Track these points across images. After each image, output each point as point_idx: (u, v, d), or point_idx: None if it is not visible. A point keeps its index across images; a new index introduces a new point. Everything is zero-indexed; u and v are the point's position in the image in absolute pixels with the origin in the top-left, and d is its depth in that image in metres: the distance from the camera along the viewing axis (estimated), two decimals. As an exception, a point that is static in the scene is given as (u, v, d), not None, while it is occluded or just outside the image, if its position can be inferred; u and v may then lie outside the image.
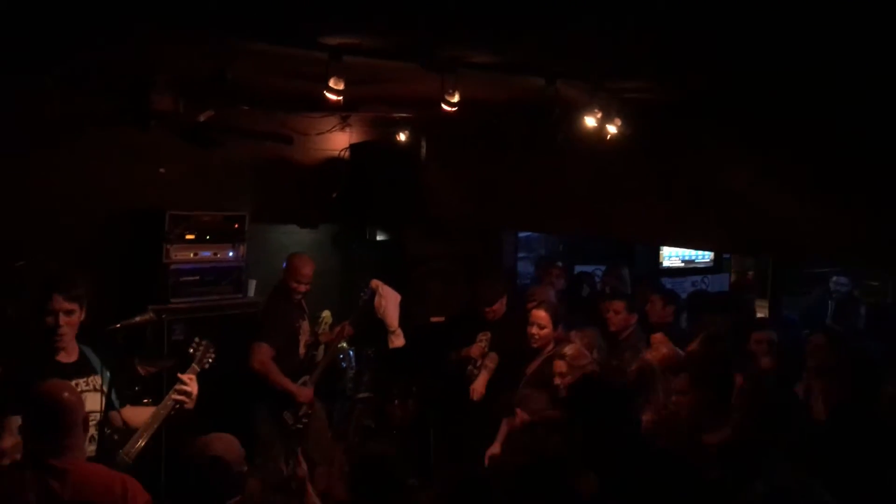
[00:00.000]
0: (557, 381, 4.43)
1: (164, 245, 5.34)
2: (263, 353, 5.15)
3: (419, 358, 6.07)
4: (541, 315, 4.92)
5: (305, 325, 5.48)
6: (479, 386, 5.27)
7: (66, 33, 3.48)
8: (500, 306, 5.63)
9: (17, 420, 3.18)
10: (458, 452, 5.54)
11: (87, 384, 3.66)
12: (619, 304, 5.42)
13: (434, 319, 6.24)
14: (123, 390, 4.22)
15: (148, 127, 4.66)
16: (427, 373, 6.18)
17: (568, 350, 4.49)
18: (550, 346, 4.86)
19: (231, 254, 5.69)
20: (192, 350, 4.00)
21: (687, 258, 8.77)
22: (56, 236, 5.17)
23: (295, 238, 6.60)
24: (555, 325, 4.91)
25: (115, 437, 3.68)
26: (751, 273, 9.05)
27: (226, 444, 3.25)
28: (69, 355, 3.68)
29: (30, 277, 4.60)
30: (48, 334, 3.56)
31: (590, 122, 4.38)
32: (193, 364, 3.92)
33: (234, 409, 5.15)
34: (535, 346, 4.90)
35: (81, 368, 3.69)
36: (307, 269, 5.41)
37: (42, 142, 5.00)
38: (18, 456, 3.04)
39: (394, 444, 6.21)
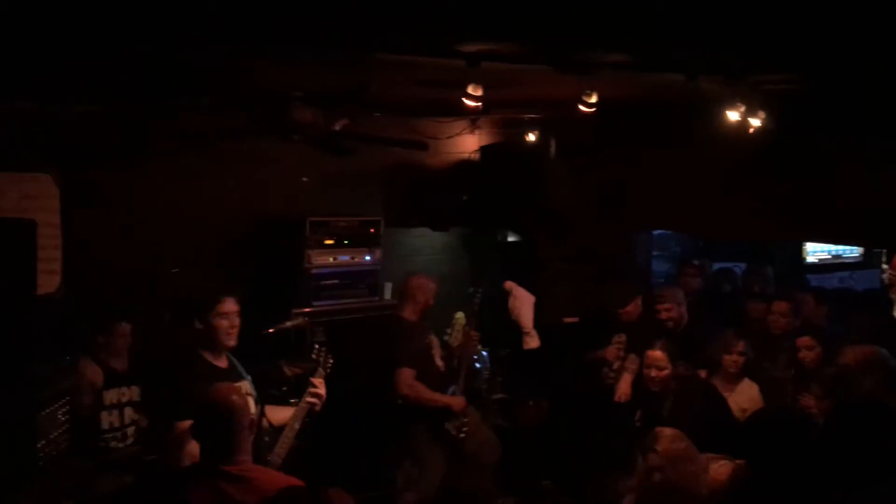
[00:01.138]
0: (656, 476, 3.28)
1: (306, 250, 5.53)
2: (407, 377, 5.18)
3: (553, 359, 6.03)
4: (657, 356, 4.64)
5: (433, 339, 5.53)
6: (623, 387, 5.17)
7: (217, 58, 3.67)
8: (634, 308, 5.52)
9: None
10: (592, 457, 5.46)
11: (241, 389, 3.75)
12: (783, 306, 5.14)
13: (568, 320, 6.18)
14: (270, 392, 4.44)
15: (289, 138, 4.84)
16: (561, 374, 6.14)
17: (663, 445, 3.33)
18: (673, 386, 4.62)
19: (367, 258, 5.83)
20: (314, 356, 4.19)
21: (834, 252, 8.29)
22: (205, 244, 5.46)
23: (427, 241, 6.70)
24: (674, 362, 4.65)
25: (266, 438, 3.85)
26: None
27: None
28: (222, 361, 3.86)
29: (184, 285, 4.90)
30: (214, 339, 3.76)
31: (733, 116, 4.22)
32: (319, 369, 4.12)
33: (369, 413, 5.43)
34: (654, 389, 4.65)
35: (232, 373, 3.87)
36: (434, 285, 5.47)
37: (192, 155, 5.29)
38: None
39: (527, 445, 6.22)
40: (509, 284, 5.78)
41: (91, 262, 4.93)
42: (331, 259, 5.65)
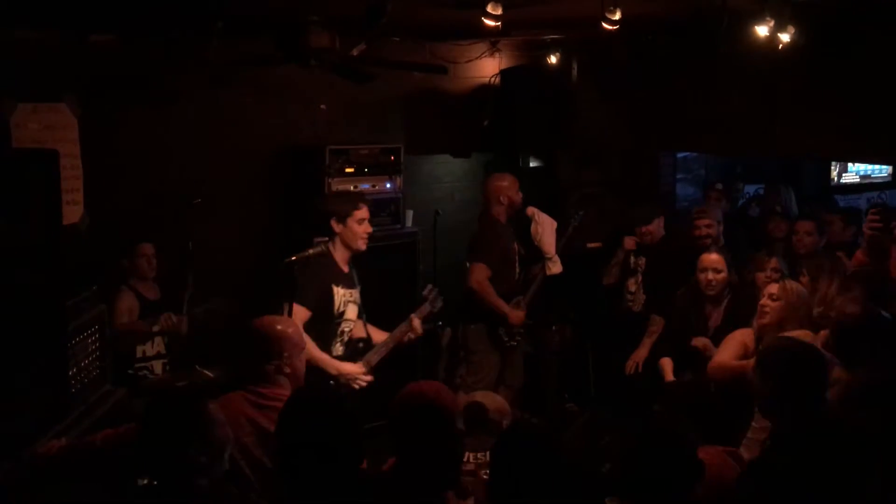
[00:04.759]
0: None
1: (326, 179, 5.51)
2: (481, 273, 5.26)
3: (576, 284, 6.03)
4: (713, 259, 4.55)
5: (516, 246, 5.59)
6: (642, 352, 5.19)
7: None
8: (656, 228, 5.47)
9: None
10: (616, 378, 5.50)
11: (352, 296, 4.35)
12: (807, 225, 5.11)
13: (591, 245, 6.16)
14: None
15: (307, 65, 4.75)
16: (584, 298, 6.15)
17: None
18: (727, 293, 4.58)
19: (388, 185, 5.82)
20: (424, 294, 4.67)
21: (863, 173, 8.11)
22: (228, 174, 5.47)
23: (448, 168, 6.65)
24: (729, 267, 4.58)
25: (360, 345, 4.41)
26: None
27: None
28: (346, 266, 4.35)
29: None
30: (350, 242, 4.33)
31: (761, 31, 4.07)
32: (425, 305, 4.60)
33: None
34: (711, 293, 4.56)
35: (352, 280, 4.37)
36: (508, 182, 5.50)
37: (211, 83, 5.23)
38: None
39: (552, 369, 6.28)
40: (531, 210, 5.73)
41: (113, 192, 4.96)
42: (351, 187, 5.63)
